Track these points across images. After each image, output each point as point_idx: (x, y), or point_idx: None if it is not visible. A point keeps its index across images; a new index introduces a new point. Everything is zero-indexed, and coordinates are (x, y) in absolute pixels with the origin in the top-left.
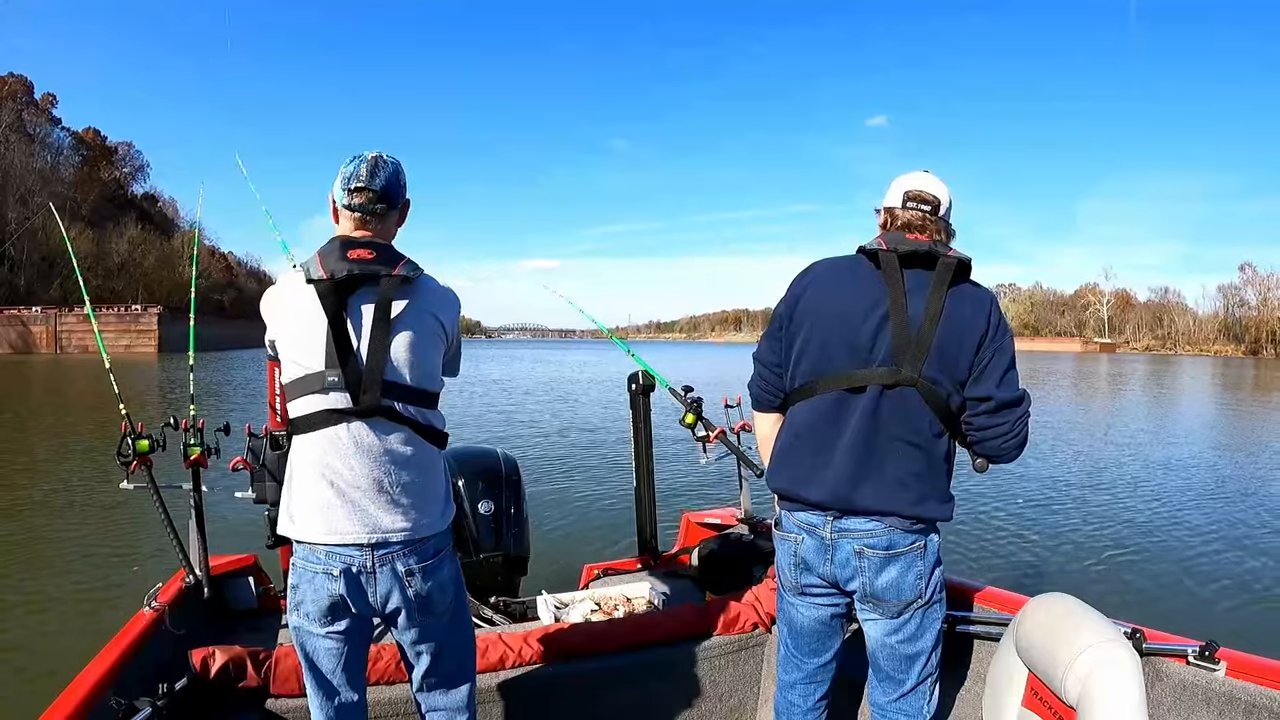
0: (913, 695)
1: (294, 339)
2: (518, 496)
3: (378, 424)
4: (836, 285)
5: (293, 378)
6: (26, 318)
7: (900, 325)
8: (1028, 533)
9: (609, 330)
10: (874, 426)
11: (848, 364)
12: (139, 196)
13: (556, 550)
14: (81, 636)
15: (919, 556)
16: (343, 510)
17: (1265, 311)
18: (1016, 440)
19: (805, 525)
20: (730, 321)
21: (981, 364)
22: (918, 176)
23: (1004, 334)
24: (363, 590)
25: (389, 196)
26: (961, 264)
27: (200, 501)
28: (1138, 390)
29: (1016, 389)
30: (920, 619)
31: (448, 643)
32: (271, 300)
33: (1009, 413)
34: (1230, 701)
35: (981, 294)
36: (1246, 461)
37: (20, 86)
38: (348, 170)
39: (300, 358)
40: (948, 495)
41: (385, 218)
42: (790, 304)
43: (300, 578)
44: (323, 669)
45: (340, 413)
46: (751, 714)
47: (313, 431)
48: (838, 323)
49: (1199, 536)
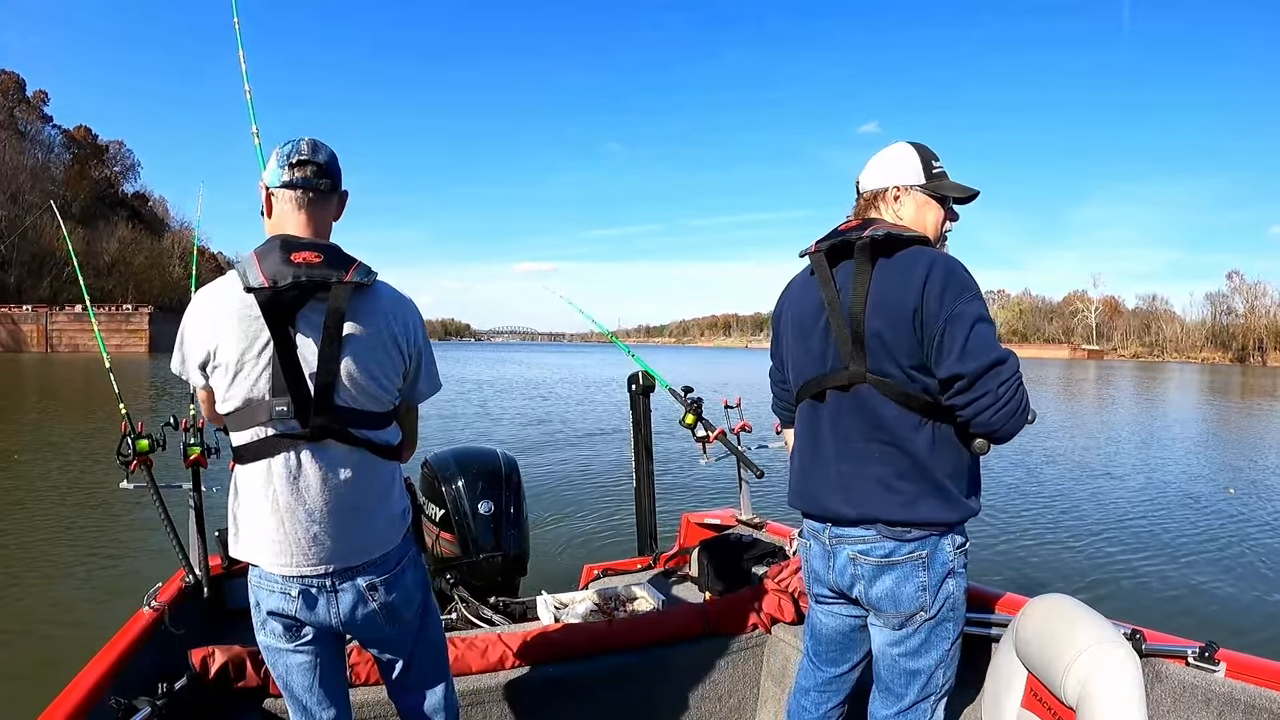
0: (911, 712)
1: (234, 360)
2: (518, 496)
3: (328, 450)
4: (798, 296)
5: (233, 408)
6: (17, 316)
7: (839, 324)
8: (1027, 533)
9: (610, 332)
10: (840, 432)
11: (812, 374)
12: (130, 195)
13: (556, 550)
14: (81, 636)
15: (920, 566)
16: (295, 543)
17: (1252, 319)
18: (1007, 409)
19: (811, 532)
20: (720, 326)
21: (933, 339)
22: (874, 159)
23: (954, 298)
24: (325, 609)
25: (332, 174)
26: (877, 241)
27: (200, 501)
28: (1129, 395)
29: (987, 354)
30: (925, 634)
31: (419, 648)
32: (203, 313)
33: (987, 380)
34: (1230, 702)
35: (911, 262)
36: (1244, 463)
37: (11, 83)
38: (285, 148)
39: (241, 383)
40: (949, 492)
41: (327, 201)
42: (775, 320)
43: (258, 597)
44: (298, 686)
45: (289, 438)
46: (751, 714)
47: (258, 461)
48: (798, 333)
49: (1198, 537)
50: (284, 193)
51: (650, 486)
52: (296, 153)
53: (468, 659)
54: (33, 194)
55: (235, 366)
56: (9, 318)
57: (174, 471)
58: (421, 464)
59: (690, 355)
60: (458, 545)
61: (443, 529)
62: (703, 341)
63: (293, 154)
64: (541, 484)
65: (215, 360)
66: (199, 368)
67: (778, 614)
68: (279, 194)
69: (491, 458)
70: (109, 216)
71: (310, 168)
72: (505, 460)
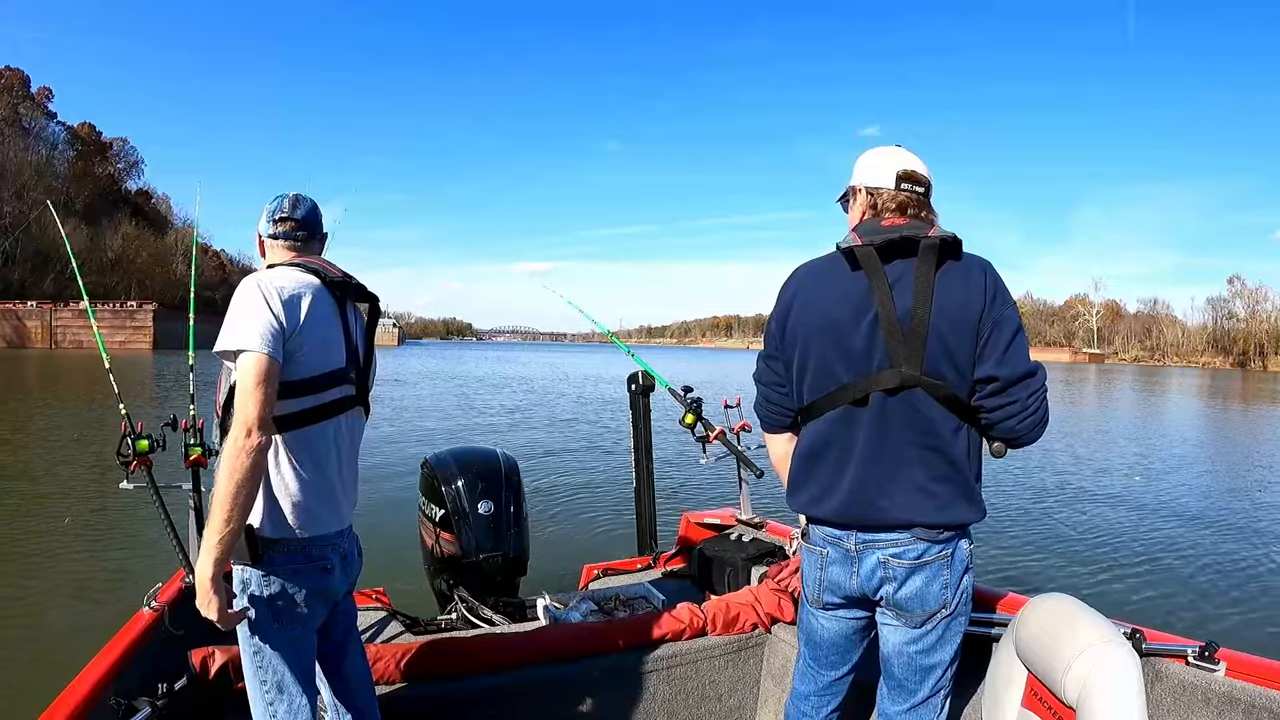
0: (924, 707)
1: (318, 333)
2: (518, 496)
3: (359, 417)
4: (820, 293)
5: (318, 371)
6: (21, 312)
7: (891, 324)
8: (1027, 533)
9: (609, 332)
10: (884, 436)
11: (847, 376)
12: (133, 193)
13: (556, 550)
14: (81, 636)
15: (945, 565)
16: (335, 497)
17: (1253, 324)
18: (1032, 418)
19: (830, 538)
20: (721, 327)
21: (983, 338)
22: (901, 154)
23: (1003, 304)
24: (343, 573)
25: (310, 225)
26: (945, 243)
27: (200, 501)
28: (1129, 397)
29: (1023, 364)
30: (943, 630)
31: (354, 608)
32: (292, 289)
33: (1018, 389)
34: (1230, 702)
35: (971, 267)
36: (1244, 464)
37: (16, 80)
38: (272, 205)
39: (323, 351)
40: (975, 494)
41: (309, 246)
42: (780, 321)
43: (298, 581)
44: (301, 674)
45: (348, 400)
46: (751, 714)
47: (322, 423)
48: (829, 335)
49: (1198, 537)
50: (273, 242)
51: (650, 486)
52: (279, 210)
53: (468, 659)
54: (36, 190)
55: (318, 336)
56: (13, 314)
57: (174, 471)
58: (421, 464)
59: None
60: (458, 545)
61: (443, 529)
62: (704, 342)
63: (276, 211)
64: (541, 484)
65: (303, 330)
66: (272, 335)
67: (778, 614)
68: (269, 242)
69: (491, 457)
70: (112, 213)
71: (290, 223)
72: (505, 460)
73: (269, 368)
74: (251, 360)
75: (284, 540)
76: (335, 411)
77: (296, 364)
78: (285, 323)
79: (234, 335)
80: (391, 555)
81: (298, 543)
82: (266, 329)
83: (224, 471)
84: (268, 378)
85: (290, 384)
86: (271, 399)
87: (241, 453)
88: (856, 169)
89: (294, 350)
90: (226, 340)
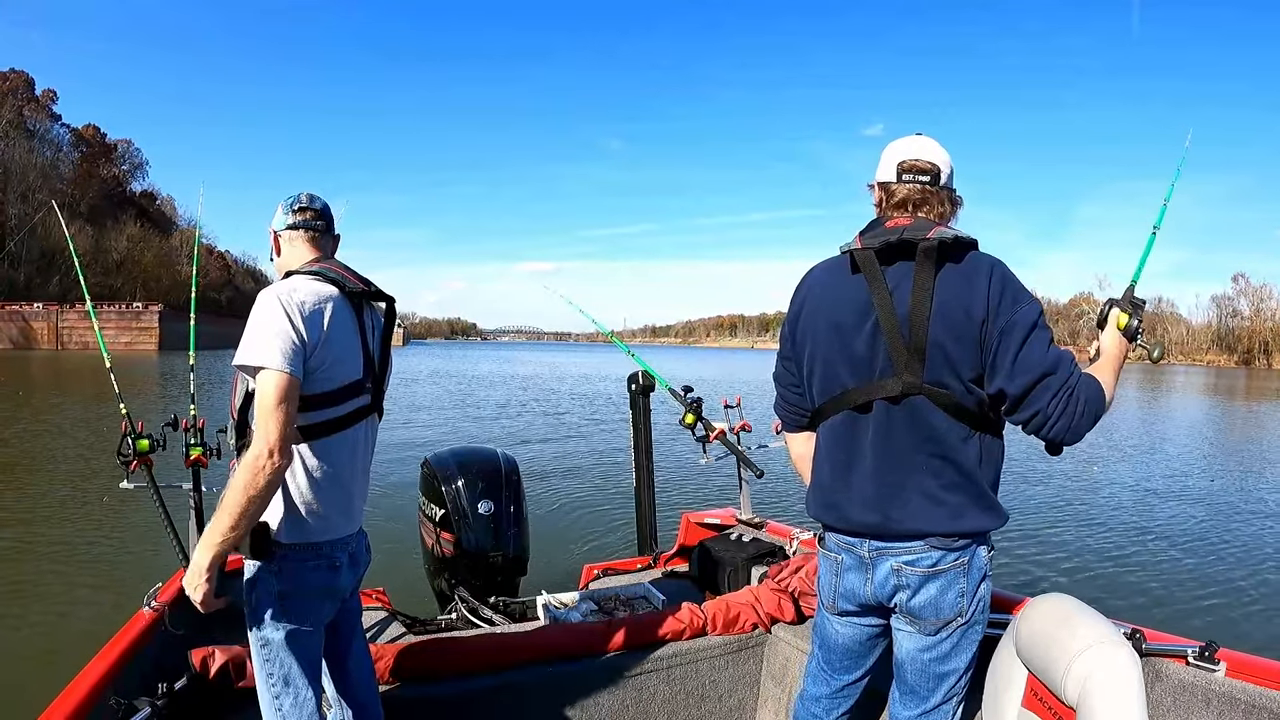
0: (935, 713)
1: (338, 347)
2: (518, 496)
3: (374, 421)
4: (827, 296)
5: (337, 384)
6: (27, 313)
7: (892, 330)
8: (1027, 533)
9: (610, 332)
10: (889, 444)
11: (852, 381)
12: (138, 194)
13: (556, 550)
14: (81, 636)
15: (961, 573)
16: (350, 503)
17: (1258, 322)
18: (1062, 422)
19: (844, 545)
20: (725, 326)
21: (990, 349)
22: (911, 142)
23: (1011, 306)
24: (351, 571)
25: (327, 216)
26: (944, 245)
27: (200, 501)
28: (1133, 396)
29: (1035, 369)
30: (958, 638)
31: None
32: (313, 303)
33: (1036, 398)
34: (1230, 702)
35: (975, 270)
36: (1244, 464)
37: (21, 82)
38: (288, 200)
39: (344, 364)
40: (991, 500)
41: (326, 237)
42: (791, 322)
43: (311, 579)
44: (309, 668)
45: (365, 410)
46: (751, 714)
47: (343, 431)
48: (834, 337)
49: (1198, 537)
50: (290, 233)
51: (650, 486)
52: (297, 202)
53: (468, 659)
54: (42, 192)
55: (339, 348)
56: (19, 315)
57: (174, 471)
58: (421, 464)
59: (695, 355)
60: (458, 545)
61: (443, 529)
62: (708, 342)
63: (295, 203)
64: (541, 484)
65: (325, 343)
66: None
67: (778, 614)
68: (286, 235)
69: (491, 457)
70: (117, 215)
71: (309, 212)
72: (505, 460)
73: (290, 386)
74: (272, 379)
75: (298, 544)
76: (353, 422)
77: (317, 379)
78: (307, 339)
79: (254, 351)
80: (391, 555)
81: (310, 545)
82: (288, 346)
83: (239, 483)
84: (289, 396)
85: (310, 398)
86: (293, 417)
87: (261, 472)
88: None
89: (315, 367)
90: (246, 354)
